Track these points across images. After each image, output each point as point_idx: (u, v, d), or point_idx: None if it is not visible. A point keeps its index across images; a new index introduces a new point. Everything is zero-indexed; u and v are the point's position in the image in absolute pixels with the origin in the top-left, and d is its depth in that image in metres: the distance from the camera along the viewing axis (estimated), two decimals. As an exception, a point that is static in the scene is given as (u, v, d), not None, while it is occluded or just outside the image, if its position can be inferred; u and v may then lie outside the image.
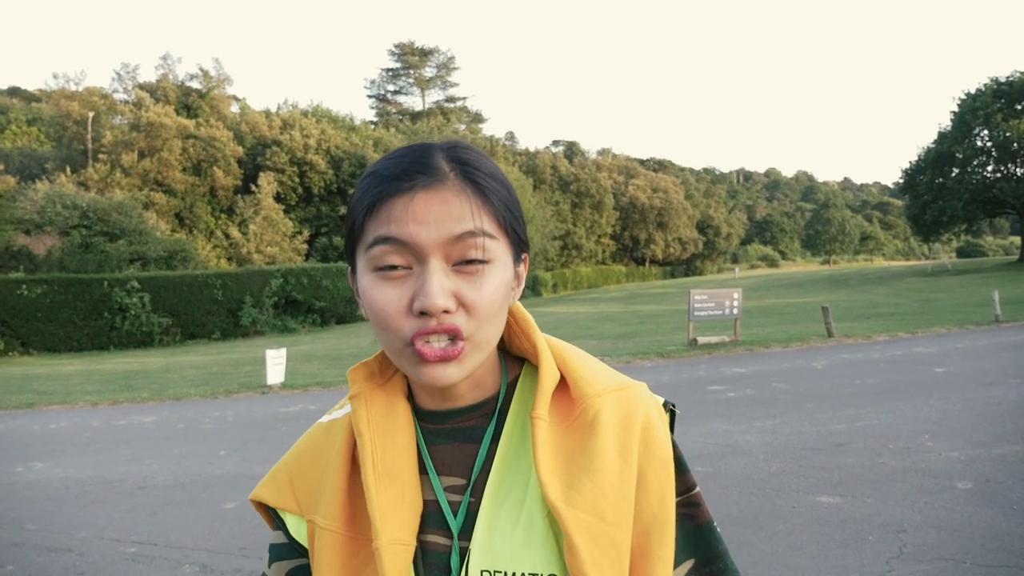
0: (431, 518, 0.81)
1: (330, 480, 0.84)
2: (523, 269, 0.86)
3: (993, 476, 4.87)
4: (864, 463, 5.38)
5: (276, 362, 11.66)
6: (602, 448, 0.78)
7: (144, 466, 6.87)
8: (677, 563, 0.81)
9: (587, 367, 0.86)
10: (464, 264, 0.75)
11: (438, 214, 0.74)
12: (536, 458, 0.77)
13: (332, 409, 0.94)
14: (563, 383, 0.84)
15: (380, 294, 0.76)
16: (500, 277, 0.78)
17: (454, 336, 0.75)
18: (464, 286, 0.75)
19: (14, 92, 71.71)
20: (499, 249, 0.78)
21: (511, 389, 0.87)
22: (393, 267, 0.75)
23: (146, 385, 13.24)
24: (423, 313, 0.74)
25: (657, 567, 0.78)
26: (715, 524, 0.85)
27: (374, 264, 0.76)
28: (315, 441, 0.91)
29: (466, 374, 0.77)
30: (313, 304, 29.62)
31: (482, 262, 0.76)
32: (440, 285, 0.74)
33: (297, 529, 0.87)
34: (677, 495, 0.82)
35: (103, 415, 10.16)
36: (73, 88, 42.42)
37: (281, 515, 0.89)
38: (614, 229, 68.94)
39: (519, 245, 0.83)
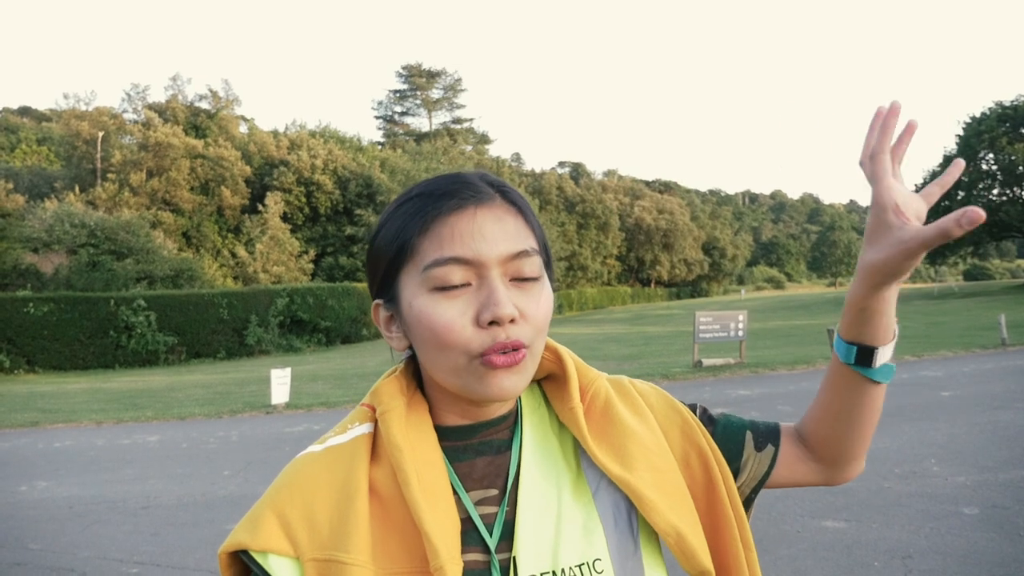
0: (466, 537, 0.79)
1: (350, 510, 0.77)
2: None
3: (1000, 501, 4.84)
4: (869, 487, 5.35)
5: (281, 382, 11.66)
6: (623, 416, 0.87)
7: (148, 486, 6.86)
8: (741, 443, 0.94)
9: (580, 361, 0.94)
10: (519, 281, 0.79)
11: (497, 232, 0.78)
12: (587, 444, 0.84)
13: (325, 436, 0.86)
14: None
15: (443, 311, 0.76)
16: (549, 293, 0.83)
17: (517, 347, 0.77)
18: (522, 299, 0.78)
19: (24, 111, 72.55)
20: (543, 269, 0.83)
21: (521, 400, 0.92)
22: (455, 285, 0.76)
23: (151, 404, 13.24)
24: (492, 323, 0.75)
25: (718, 486, 0.87)
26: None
27: (434, 284, 0.76)
28: (313, 471, 0.82)
29: (525, 385, 0.80)
30: (319, 324, 29.63)
31: (536, 277, 0.80)
32: (506, 295, 0.76)
33: (289, 575, 0.75)
34: (695, 414, 0.93)
35: (107, 434, 10.15)
36: (83, 108, 42.91)
37: (260, 559, 0.76)
38: (620, 250, 68.96)
39: (550, 268, 0.88)
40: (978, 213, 0.64)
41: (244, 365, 23.62)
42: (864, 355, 0.83)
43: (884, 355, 0.83)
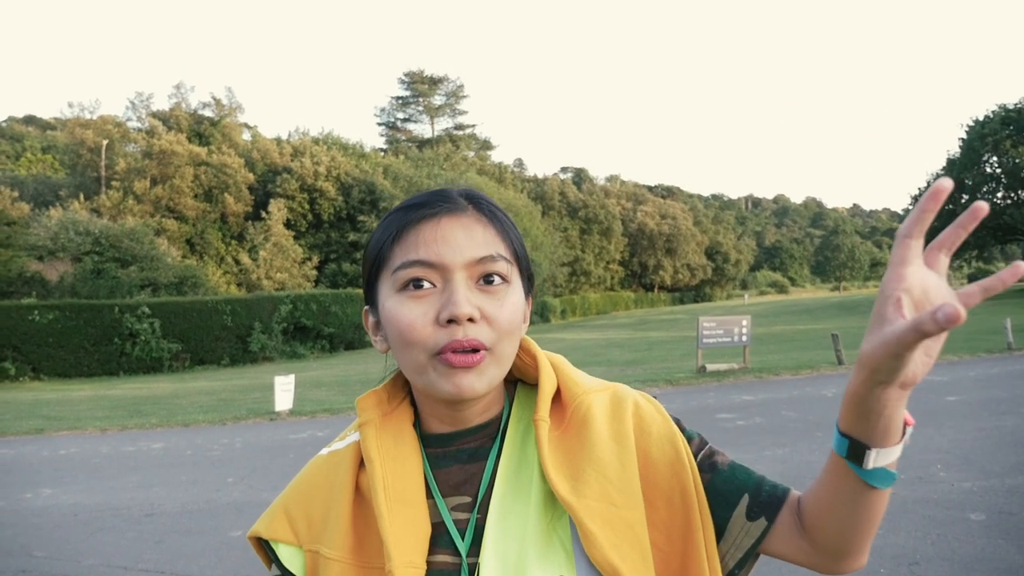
0: (438, 540, 0.83)
1: (335, 509, 0.86)
2: (528, 306, 0.92)
3: (1007, 507, 4.81)
4: (875, 493, 5.32)
5: (284, 388, 11.66)
6: (598, 438, 0.85)
7: (152, 493, 6.86)
8: (734, 505, 0.85)
9: (575, 372, 0.94)
10: (485, 284, 0.82)
11: (461, 239, 0.82)
12: (541, 457, 0.83)
13: (333, 441, 0.95)
14: (555, 394, 0.91)
15: (406, 311, 0.81)
16: (518, 298, 0.85)
17: (477, 349, 0.80)
18: (486, 302, 0.82)
19: (30, 120, 72.81)
20: (515, 275, 0.86)
21: (511, 410, 0.93)
22: (419, 284, 0.81)
23: (155, 411, 13.25)
24: (450, 322, 0.79)
25: (696, 532, 0.83)
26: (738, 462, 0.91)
27: (400, 284, 0.82)
28: (315, 473, 0.92)
29: (486, 387, 0.82)
30: (322, 330, 29.66)
31: (503, 280, 0.83)
32: (466, 296, 0.80)
33: (290, 560, 0.87)
34: (696, 455, 0.88)
35: (112, 441, 10.16)
36: (88, 116, 43.12)
37: (273, 546, 0.88)
38: (622, 255, 68.92)
39: (529, 279, 0.90)
40: (956, 311, 0.56)
41: (248, 372, 23.64)
42: (856, 451, 0.73)
43: (881, 458, 0.73)
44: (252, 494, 6.59)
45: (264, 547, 0.90)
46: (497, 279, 0.83)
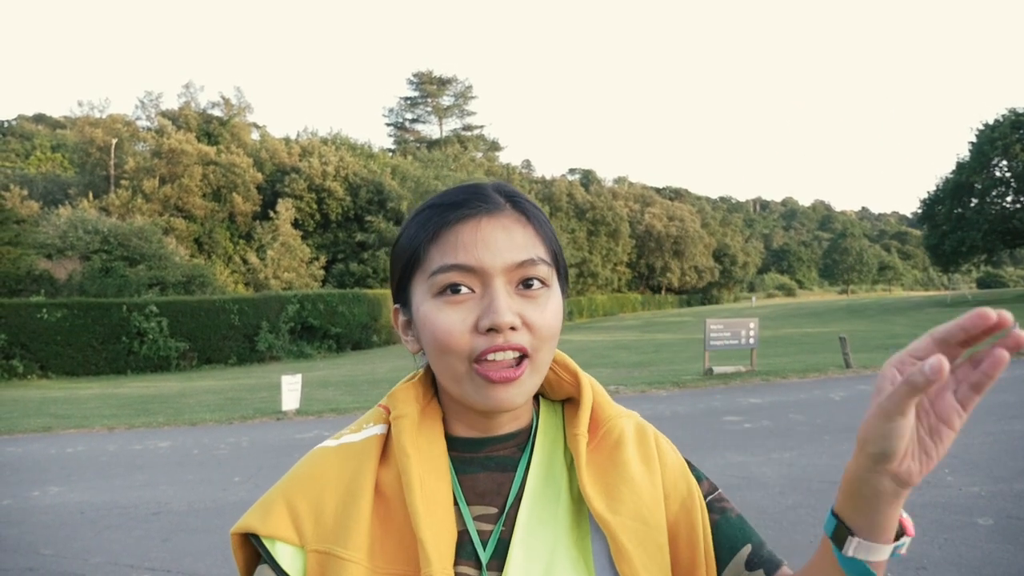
0: (460, 549, 0.80)
1: (354, 506, 0.79)
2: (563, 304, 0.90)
3: (1015, 512, 4.79)
4: (883, 497, 5.29)
5: (291, 388, 11.68)
6: (631, 460, 0.85)
7: (159, 492, 6.88)
8: (736, 550, 0.85)
9: (605, 395, 0.92)
10: (525, 288, 0.79)
11: (501, 241, 0.79)
12: (580, 473, 0.82)
13: (341, 433, 0.89)
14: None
15: (444, 317, 0.78)
16: (558, 302, 0.83)
17: (520, 356, 0.78)
18: (527, 308, 0.79)
19: (39, 119, 73.22)
20: (553, 277, 0.83)
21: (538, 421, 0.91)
22: (457, 290, 0.78)
23: (162, 410, 13.29)
24: (490, 330, 0.76)
25: (699, 569, 0.83)
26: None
27: (438, 289, 0.78)
28: (323, 465, 0.84)
29: (525, 398, 0.80)
30: (329, 330, 29.71)
31: (543, 285, 0.81)
32: (507, 303, 0.77)
33: (292, 562, 0.78)
34: (706, 497, 0.89)
35: (119, 439, 10.20)
36: (97, 115, 43.38)
37: (268, 545, 0.79)
38: (630, 257, 68.83)
39: (565, 278, 0.88)
40: (940, 362, 0.57)
41: (255, 371, 23.69)
42: (840, 534, 0.72)
43: (862, 550, 0.71)
44: (258, 493, 6.56)
45: (253, 545, 0.81)
46: (536, 283, 0.80)
